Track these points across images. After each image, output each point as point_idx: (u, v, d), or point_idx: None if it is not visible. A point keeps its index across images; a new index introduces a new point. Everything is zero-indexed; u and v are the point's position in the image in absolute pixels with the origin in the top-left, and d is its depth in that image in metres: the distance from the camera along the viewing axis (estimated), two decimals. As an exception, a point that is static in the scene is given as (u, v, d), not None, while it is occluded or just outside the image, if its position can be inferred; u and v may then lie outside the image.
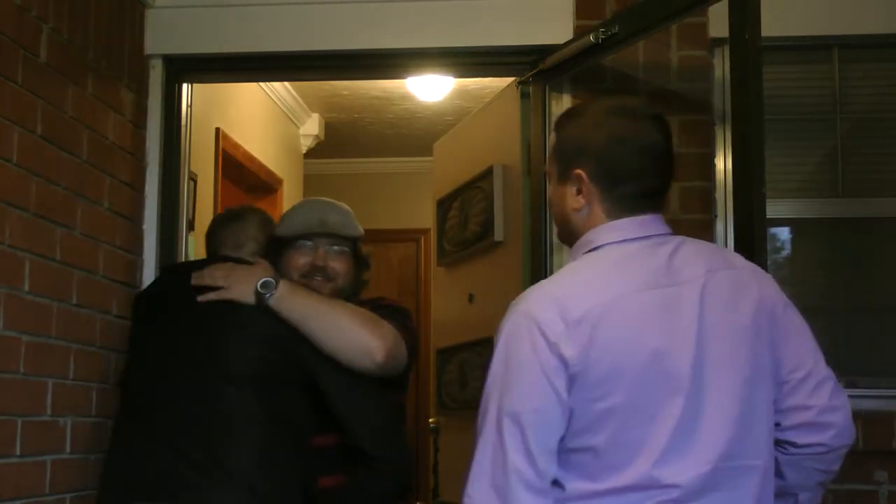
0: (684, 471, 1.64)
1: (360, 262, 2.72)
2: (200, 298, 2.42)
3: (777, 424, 1.76)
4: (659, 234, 1.79)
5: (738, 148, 2.36)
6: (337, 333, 2.38)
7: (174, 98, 3.24)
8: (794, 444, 1.78)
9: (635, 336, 1.66)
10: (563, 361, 1.64)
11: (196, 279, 2.45)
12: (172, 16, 3.19)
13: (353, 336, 2.38)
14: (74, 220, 2.67)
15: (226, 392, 2.34)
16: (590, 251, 1.79)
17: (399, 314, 2.57)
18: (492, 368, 1.72)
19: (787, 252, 3.21)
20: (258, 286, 2.39)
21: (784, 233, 3.19)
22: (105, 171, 2.86)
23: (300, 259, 2.62)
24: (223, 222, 2.76)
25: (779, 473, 1.80)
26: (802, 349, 1.80)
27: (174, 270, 2.84)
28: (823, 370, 1.81)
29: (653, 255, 1.75)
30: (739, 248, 2.28)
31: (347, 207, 2.75)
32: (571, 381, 1.64)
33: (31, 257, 2.45)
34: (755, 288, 1.78)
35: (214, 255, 2.70)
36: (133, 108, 3.07)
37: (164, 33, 3.18)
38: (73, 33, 2.70)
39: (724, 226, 3.06)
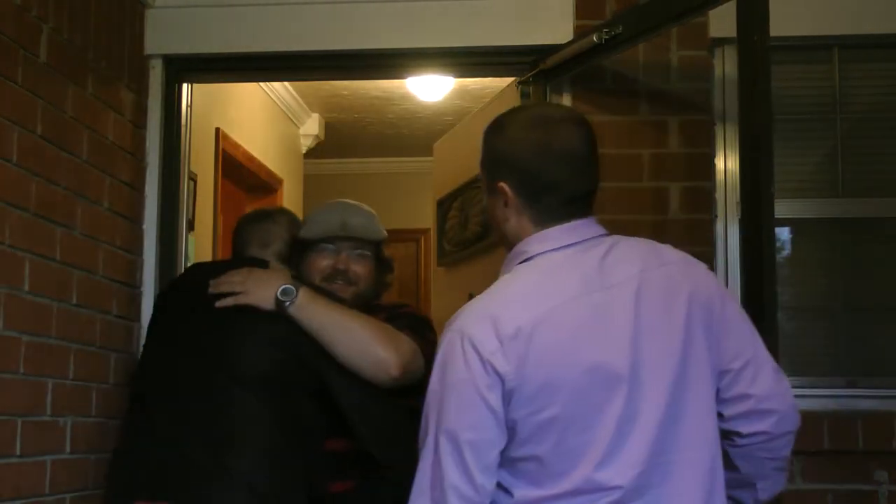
0: (624, 472, 1.67)
1: (382, 265, 2.71)
2: (219, 304, 2.40)
3: (721, 415, 1.78)
4: (591, 238, 1.79)
5: (746, 150, 2.34)
6: (353, 346, 2.37)
7: (174, 98, 3.23)
8: (739, 434, 1.79)
9: (570, 347, 1.67)
10: (499, 377, 1.66)
11: (214, 286, 2.43)
12: (172, 16, 3.19)
13: (369, 349, 2.37)
14: (74, 220, 2.67)
15: (230, 392, 2.34)
16: (522, 262, 1.80)
17: (418, 324, 2.56)
18: (430, 387, 1.73)
19: (787, 252, 3.21)
20: (278, 293, 2.36)
21: (784, 233, 3.19)
22: (105, 171, 2.86)
23: (322, 262, 2.61)
24: (252, 221, 2.74)
25: (732, 466, 1.82)
26: (741, 339, 1.80)
27: (196, 270, 2.83)
28: (762, 357, 1.81)
29: (584, 259, 1.76)
30: (747, 249, 2.29)
31: (370, 210, 2.73)
32: (509, 395, 1.66)
33: (31, 257, 2.45)
34: (688, 284, 1.77)
35: (240, 254, 2.69)
36: (133, 108, 3.07)
37: (164, 33, 3.18)
38: (73, 33, 2.70)
39: (724, 226, 3.06)
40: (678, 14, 2.63)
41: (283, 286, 2.36)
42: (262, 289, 2.38)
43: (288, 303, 2.35)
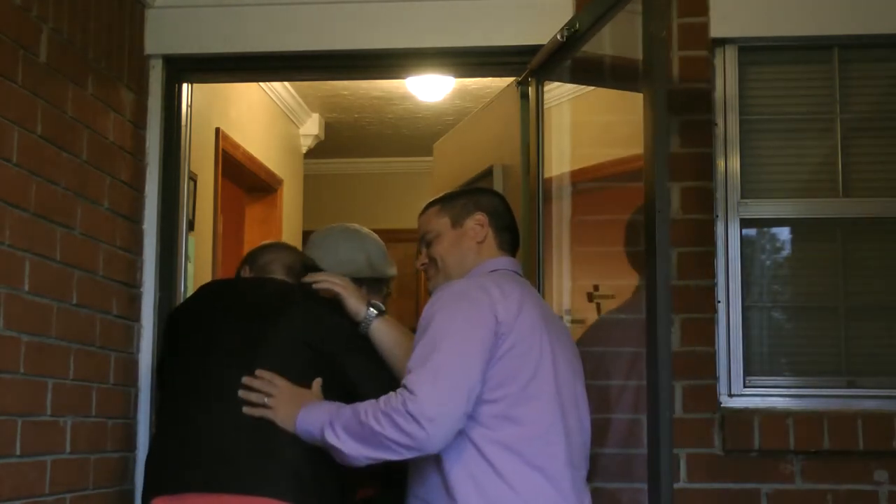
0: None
1: (389, 291, 2.99)
2: (316, 285, 2.60)
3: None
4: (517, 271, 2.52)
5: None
6: None
7: (174, 98, 3.23)
8: None
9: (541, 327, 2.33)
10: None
11: (312, 277, 2.63)
12: (172, 16, 3.19)
13: None
14: (74, 220, 2.67)
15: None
16: (492, 272, 2.43)
17: None
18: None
19: (787, 252, 3.21)
20: (371, 305, 2.56)
21: (784, 233, 3.19)
22: (105, 171, 2.86)
23: None
24: (262, 248, 2.91)
25: None
26: None
27: (213, 285, 2.94)
28: None
29: (523, 280, 2.50)
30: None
31: (379, 239, 2.97)
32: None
33: (31, 257, 2.45)
34: None
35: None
36: (133, 108, 3.07)
37: (164, 33, 3.18)
38: (73, 33, 2.70)
39: (725, 226, 3.06)
40: (616, 1, 2.63)
41: (376, 302, 2.59)
42: (358, 295, 2.59)
43: (374, 316, 2.56)
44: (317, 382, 2.45)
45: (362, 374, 2.49)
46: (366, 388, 2.45)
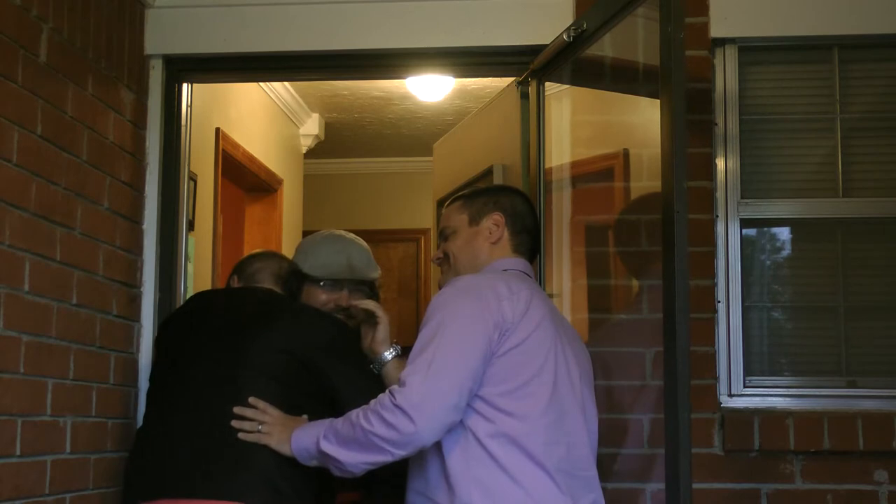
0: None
1: (375, 295, 2.91)
2: (361, 304, 2.67)
3: None
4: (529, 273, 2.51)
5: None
6: None
7: (174, 98, 3.23)
8: None
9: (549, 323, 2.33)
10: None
11: (361, 304, 2.68)
12: (172, 16, 3.19)
13: None
14: (74, 220, 2.67)
15: (246, 391, 2.43)
16: (503, 271, 2.43)
17: None
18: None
19: (787, 252, 3.21)
20: (393, 345, 2.60)
21: (784, 233, 3.19)
22: (105, 171, 2.86)
23: (323, 296, 2.81)
24: (255, 257, 2.92)
25: None
26: None
27: (201, 296, 2.96)
28: None
29: (533, 282, 2.50)
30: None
31: (365, 244, 2.91)
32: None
33: (31, 257, 2.45)
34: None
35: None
36: (133, 108, 3.07)
37: (164, 33, 3.18)
38: (73, 33, 2.70)
39: (725, 226, 3.06)
40: (628, 2, 2.62)
41: (398, 346, 2.62)
42: (389, 335, 2.62)
43: (392, 357, 2.59)
44: (303, 418, 2.44)
45: (342, 379, 2.50)
46: (346, 392, 2.47)
